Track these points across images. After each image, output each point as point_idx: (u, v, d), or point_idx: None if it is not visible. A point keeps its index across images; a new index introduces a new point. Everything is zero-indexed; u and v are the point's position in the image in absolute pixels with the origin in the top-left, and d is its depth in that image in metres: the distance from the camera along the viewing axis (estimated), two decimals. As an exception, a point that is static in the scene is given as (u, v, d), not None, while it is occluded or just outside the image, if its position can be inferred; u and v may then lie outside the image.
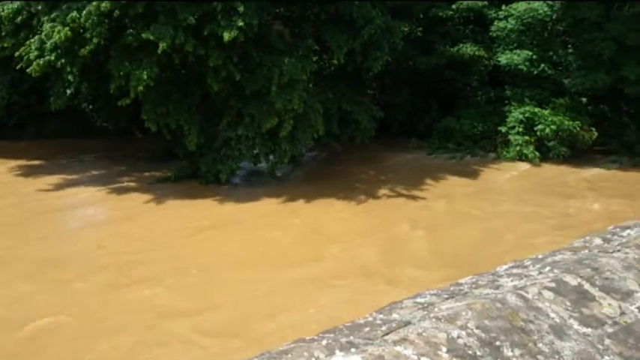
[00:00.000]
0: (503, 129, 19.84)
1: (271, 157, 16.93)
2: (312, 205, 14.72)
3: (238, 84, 15.51)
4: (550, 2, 19.43)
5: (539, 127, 18.91)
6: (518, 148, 19.21)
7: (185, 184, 16.21)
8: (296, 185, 16.61)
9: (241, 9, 14.22)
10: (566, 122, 18.64)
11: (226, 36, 14.14)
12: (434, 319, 1.46)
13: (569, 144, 19.13)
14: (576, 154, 19.27)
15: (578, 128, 18.82)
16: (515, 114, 19.52)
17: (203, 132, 16.30)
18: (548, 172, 18.27)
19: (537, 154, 19.02)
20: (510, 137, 19.52)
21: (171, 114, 15.87)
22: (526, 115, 19.26)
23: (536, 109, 19.28)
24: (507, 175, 18.00)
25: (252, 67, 15.73)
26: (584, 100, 20.26)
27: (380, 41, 17.04)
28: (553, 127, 18.69)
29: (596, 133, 19.31)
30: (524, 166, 18.87)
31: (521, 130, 19.36)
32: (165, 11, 14.51)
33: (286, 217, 13.95)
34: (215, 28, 14.44)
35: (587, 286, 1.70)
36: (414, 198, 15.45)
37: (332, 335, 1.48)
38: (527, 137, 19.22)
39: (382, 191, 15.97)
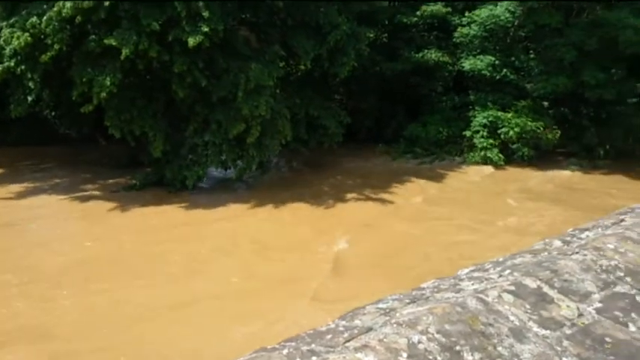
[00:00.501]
0: (468, 133, 20.16)
1: (239, 163, 16.82)
2: (277, 212, 14.69)
3: (204, 90, 15.39)
4: (512, 9, 19.82)
5: (503, 129, 19.27)
6: (483, 152, 19.53)
7: (151, 192, 15.97)
8: (264, 191, 16.53)
9: (206, 14, 14.12)
10: (529, 123, 19.05)
11: (191, 41, 14.02)
12: (395, 325, 1.46)
13: (533, 145, 19.54)
14: (540, 155, 19.71)
15: (541, 128, 19.24)
16: (479, 118, 19.85)
17: (168, 138, 16.12)
18: (507, 177, 18.55)
19: (502, 157, 19.38)
20: (475, 141, 19.84)
21: (136, 120, 15.64)
22: (490, 119, 19.61)
23: (500, 113, 19.64)
24: (465, 182, 18.13)
25: (218, 73, 15.63)
26: (545, 104, 20.70)
27: (346, 47, 17.16)
28: (516, 129, 19.08)
29: (559, 133, 19.77)
30: (487, 170, 19.17)
31: (485, 134, 19.70)
32: (129, 17, 14.30)
33: (241, 225, 13.77)
34: (180, 33, 14.30)
35: (546, 288, 1.72)
36: (381, 202, 15.59)
37: (293, 344, 1.47)
38: (491, 141, 19.56)
39: (350, 195, 16.05)
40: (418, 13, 21.29)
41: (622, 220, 2.56)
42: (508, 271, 1.86)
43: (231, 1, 16.24)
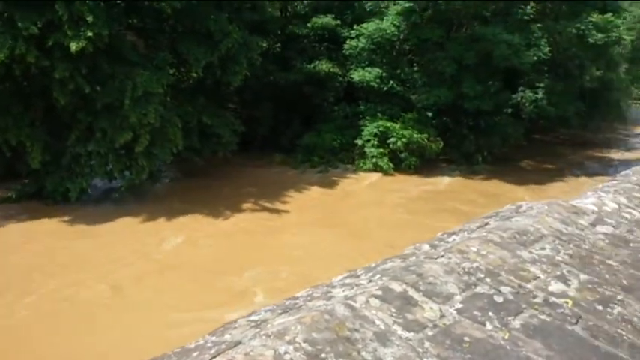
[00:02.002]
0: (359, 142, 20.75)
1: (127, 173, 16.16)
2: (169, 225, 14.26)
3: (88, 97, 14.67)
4: (397, 23, 20.66)
5: (392, 140, 20.04)
6: (374, 160, 20.21)
7: (30, 205, 14.91)
8: (155, 203, 15.97)
9: (90, 19, 13.46)
10: (415, 135, 19.99)
11: (73, 47, 13.30)
12: (264, 337, 1.46)
13: (418, 155, 20.51)
14: (425, 163, 20.71)
15: (425, 140, 20.26)
16: (370, 128, 20.51)
17: (48, 148, 15.14)
18: (391, 186, 19.21)
19: (391, 165, 20.15)
20: (366, 150, 20.47)
21: (11, 129, 14.55)
22: (380, 129, 20.31)
23: (389, 124, 20.41)
24: (354, 192, 18.62)
25: (103, 80, 14.96)
26: (429, 114, 21.77)
27: (238, 55, 17.09)
28: (404, 139, 19.92)
29: (442, 144, 20.93)
30: (375, 177, 19.82)
31: (375, 143, 20.38)
32: (4, 19, 13.32)
33: (101, 244, 13.11)
34: (61, 38, 13.53)
35: (411, 291, 1.80)
36: (276, 213, 15.64)
37: (158, 363, 1.42)
38: (381, 150, 20.28)
39: (245, 206, 15.93)
40: (309, 24, 21.64)
41: (487, 224, 2.75)
42: (378, 276, 1.93)
43: (117, 5, 15.65)
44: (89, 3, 13.67)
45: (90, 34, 13.51)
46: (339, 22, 21.86)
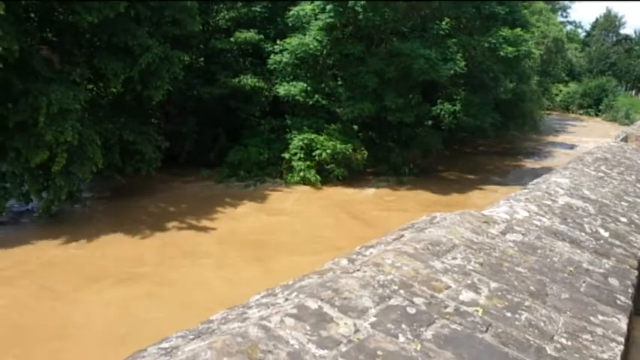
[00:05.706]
0: (286, 155, 20.82)
1: (45, 194, 15.41)
2: (90, 246, 13.66)
3: (-1, 115, 13.92)
4: (319, 38, 20.93)
5: (317, 152, 20.24)
6: (301, 173, 20.32)
7: None
8: (76, 224, 15.31)
9: (-1, 33, 12.82)
10: (339, 145, 20.27)
11: (-21, 62, 12.61)
12: (173, 365, 1.42)
13: (345, 166, 20.79)
14: (353, 175, 21.02)
15: (350, 150, 20.59)
16: (296, 141, 20.63)
17: (-45, 170, 14.24)
18: (317, 199, 19.36)
19: (319, 177, 20.31)
20: (294, 163, 20.57)
21: None
22: (305, 141, 20.47)
23: (314, 136, 20.61)
24: (277, 204, 18.56)
25: (16, 97, 14.23)
26: (355, 127, 22.16)
27: (159, 70, 16.73)
28: (329, 150, 20.17)
29: (366, 153, 21.32)
30: (303, 190, 19.93)
31: (302, 156, 20.52)
32: None
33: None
34: (-35, 52, 12.79)
35: (326, 308, 1.81)
36: (204, 230, 15.34)
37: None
38: (308, 162, 20.43)
39: (170, 224, 15.53)
40: (232, 39, 21.55)
41: (402, 236, 2.81)
42: (294, 294, 1.92)
43: (30, 19, 14.99)
44: (-4, 16, 13.01)
45: (-1, 48, 12.86)
46: (262, 36, 21.89)
